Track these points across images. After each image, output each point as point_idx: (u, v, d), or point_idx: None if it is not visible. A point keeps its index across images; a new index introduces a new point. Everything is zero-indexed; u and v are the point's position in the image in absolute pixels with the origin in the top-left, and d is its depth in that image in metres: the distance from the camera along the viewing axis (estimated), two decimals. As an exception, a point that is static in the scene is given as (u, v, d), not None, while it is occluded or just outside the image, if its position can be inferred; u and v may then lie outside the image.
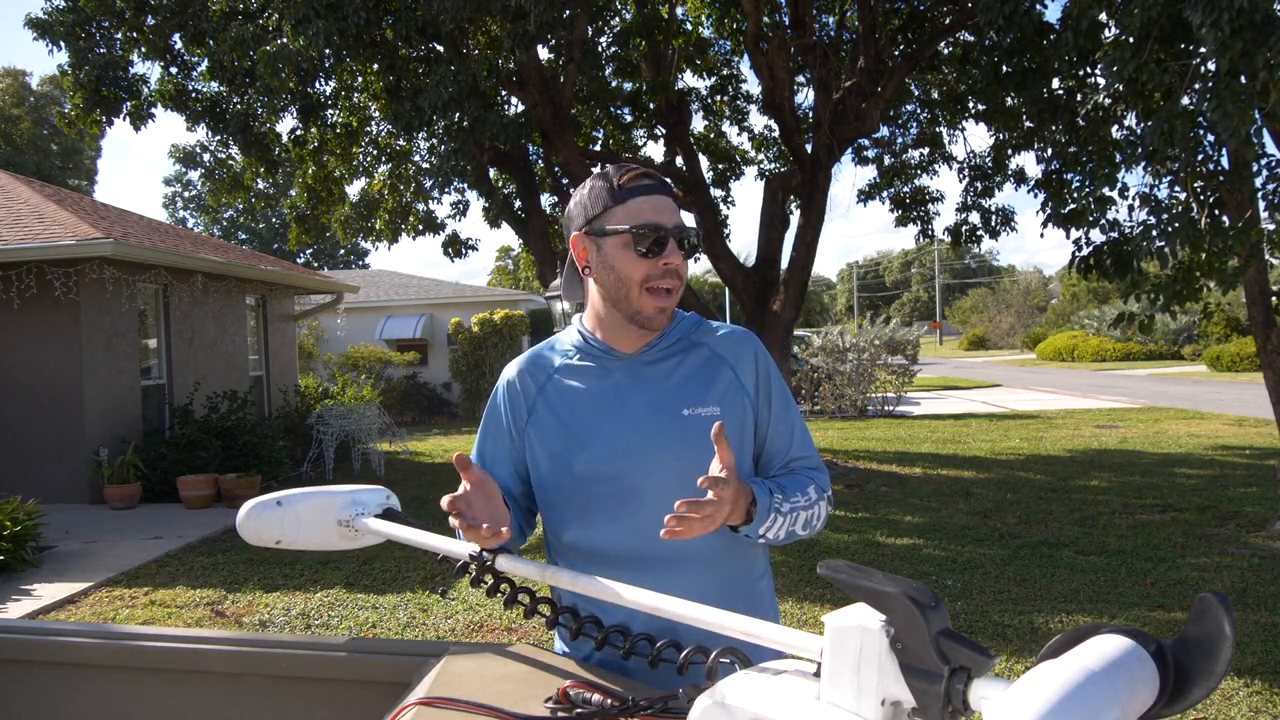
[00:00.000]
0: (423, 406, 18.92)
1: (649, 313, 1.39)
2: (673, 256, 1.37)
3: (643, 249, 1.37)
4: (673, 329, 1.47)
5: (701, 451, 1.35)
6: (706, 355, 1.47)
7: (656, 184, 1.41)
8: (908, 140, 11.09)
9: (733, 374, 1.45)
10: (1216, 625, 0.68)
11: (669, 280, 1.38)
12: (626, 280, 1.38)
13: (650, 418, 1.41)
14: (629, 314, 1.41)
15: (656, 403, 1.42)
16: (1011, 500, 7.86)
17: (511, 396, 1.51)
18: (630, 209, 1.38)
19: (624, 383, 1.45)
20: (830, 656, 0.79)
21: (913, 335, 22.15)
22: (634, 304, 1.40)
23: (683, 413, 1.41)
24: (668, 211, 1.39)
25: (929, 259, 64.86)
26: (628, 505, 1.40)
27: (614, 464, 1.41)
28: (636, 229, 1.36)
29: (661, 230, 1.37)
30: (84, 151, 33.57)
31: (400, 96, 7.76)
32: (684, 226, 1.40)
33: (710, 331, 1.51)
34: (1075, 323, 38.61)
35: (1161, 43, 5.04)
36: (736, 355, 1.47)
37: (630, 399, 1.43)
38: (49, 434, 8.57)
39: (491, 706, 1.13)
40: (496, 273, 41.29)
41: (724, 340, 1.49)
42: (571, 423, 1.44)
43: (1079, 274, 7.01)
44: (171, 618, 5.12)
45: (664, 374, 1.45)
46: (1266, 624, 4.46)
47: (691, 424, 1.40)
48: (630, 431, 1.41)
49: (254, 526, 1.53)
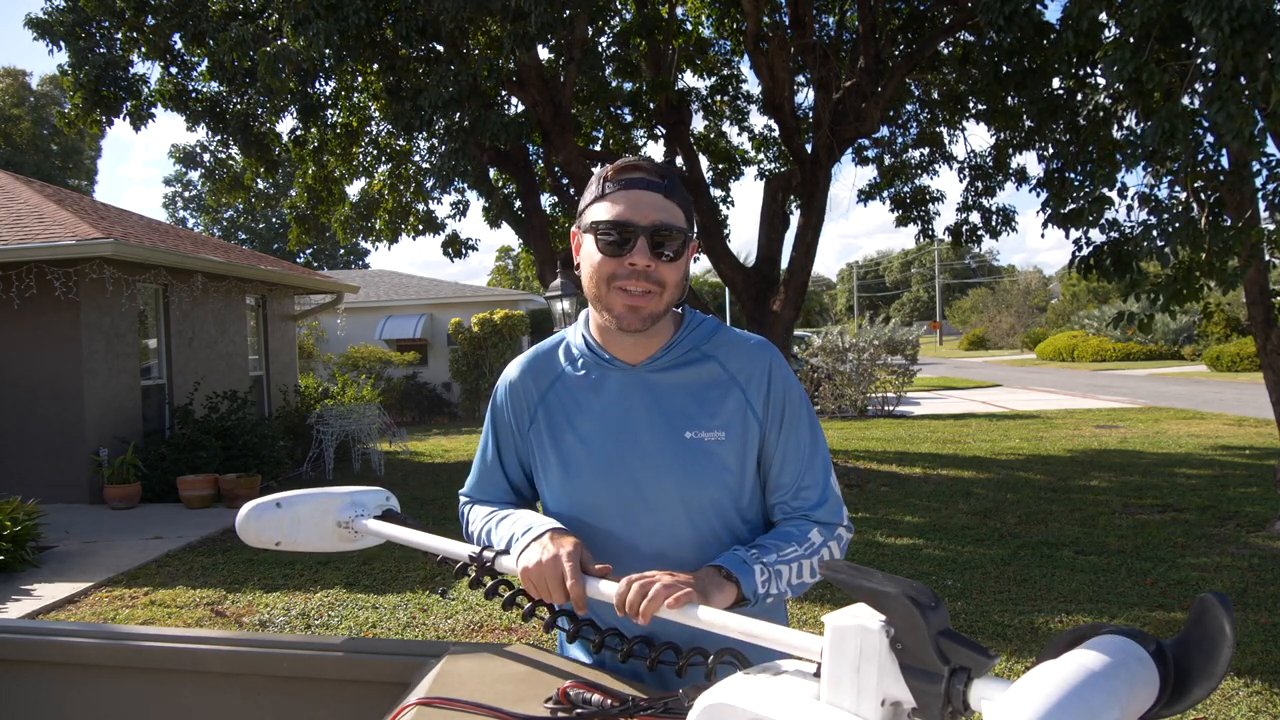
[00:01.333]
0: (423, 406, 18.92)
1: (618, 310, 1.31)
2: (638, 256, 1.27)
3: (605, 246, 1.30)
4: (683, 337, 1.38)
5: (700, 477, 1.33)
6: (717, 372, 1.37)
7: (643, 178, 1.31)
8: (908, 140, 11.09)
9: (742, 395, 1.36)
10: (1216, 625, 0.68)
11: (636, 282, 1.28)
12: (594, 276, 1.32)
13: (651, 439, 1.35)
14: (605, 312, 1.34)
15: (658, 424, 1.35)
16: (1011, 500, 7.86)
17: (514, 399, 1.47)
18: (608, 203, 1.31)
19: (626, 398, 1.37)
20: (830, 657, 0.79)
21: (913, 335, 22.12)
22: (604, 300, 1.33)
23: (685, 435, 1.34)
24: (645, 208, 1.29)
25: (929, 259, 64.85)
26: (627, 529, 1.37)
27: (612, 489, 1.36)
28: (601, 224, 1.30)
29: (627, 227, 1.28)
30: (84, 151, 33.58)
31: (400, 96, 7.76)
32: (662, 225, 1.28)
33: (726, 343, 1.40)
34: (1075, 323, 38.60)
35: (1161, 43, 5.04)
36: (749, 374, 1.37)
37: (632, 417, 1.36)
38: (49, 434, 8.57)
39: (491, 706, 1.13)
40: (496, 273, 41.30)
41: (738, 355, 1.38)
42: (570, 441, 1.39)
43: (1079, 274, 7.01)
44: (171, 618, 5.12)
45: (668, 390, 1.37)
46: (1266, 624, 4.45)
47: (694, 448, 1.34)
48: (629, 454, 1.35)
49: (253, 528, 1.53)
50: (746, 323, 9.59)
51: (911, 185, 10.95)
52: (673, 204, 1.32)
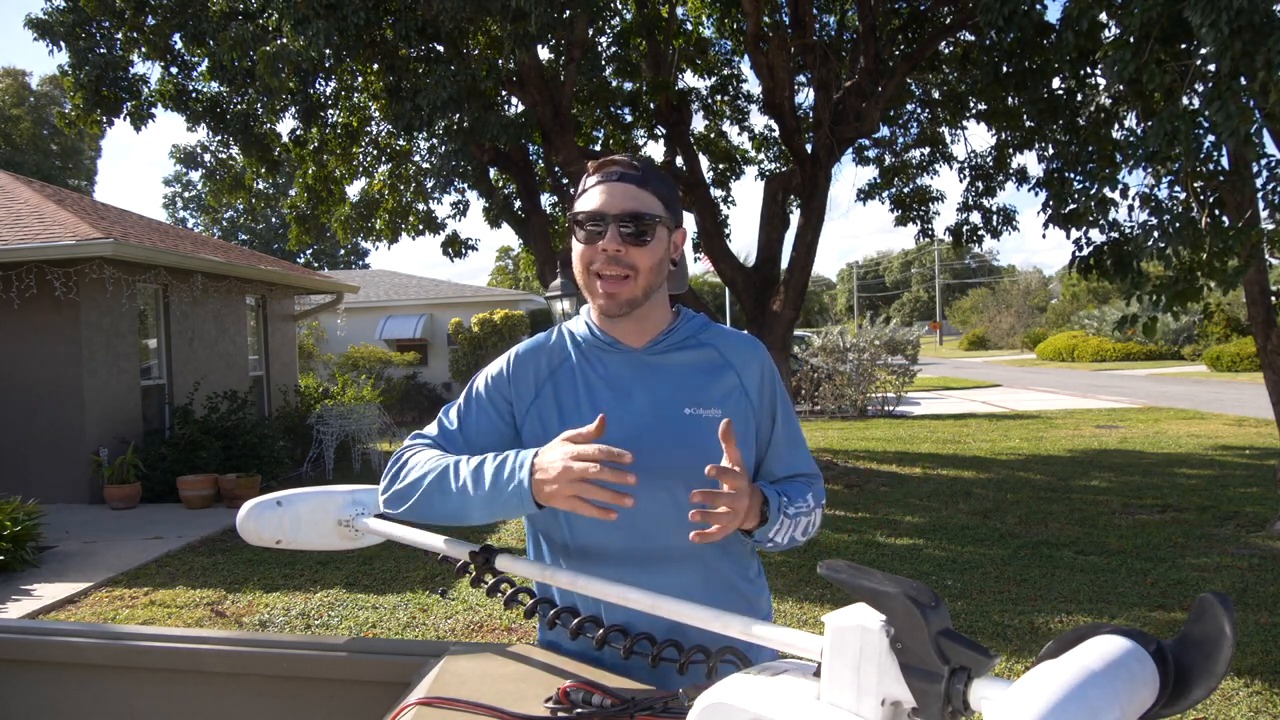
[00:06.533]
0: (423, 406, 18.92)
1: (599, 297, 1.40)
2: (609, 243, 1.35)
3: (583, 236, 1.39)
4: (680, 325, 1.47)
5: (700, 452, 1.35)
6: (713, 356, 1.46)
7: (617, 170, 1.39)
8: (908, 140, 11.09)
9: (738, 379, 1.45)
10: (1217, 625, 0.68)
11: (610, 267, 1.37)
12: (579, 266, 1.41)
13: (651, 414, 1.40)
14: (592, 298, 1.43)
15: (658, 400, 1.42)
16: (1011, 500, 7.86)
17: (519, 371, 1.48)
18: (587, 197, 1.39)
19: (627, 376, 1.44)
20: (830, 656, 0.79)
21: (913, 335, 22.09)
22: (589, 288, 1.42)
23: (684, 411, 1.40)
24: (618, 197, 1.37)
25: (929, 259, 64.85)
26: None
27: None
28: (579, 215, 1.39)
29: (600, 217, 1.36)
30: (84, 151, 33.59)
31: (400, 96, 7.75)
32: (630, 212, 1.35)
33: (718, 334, 1.50)
34: (1075, 323, 38.60)
35: (1162, 43, 5.04)
36: (744, 361, 1.46)
37: (633, 394, 1.43)
38: (49, 434, 8.57)
39: (491, 706, 1.13)
40: (496, 273, 41.34)
41: (732, 345, 1.49)
42: (573, 416, 1.43)
43: (1079, 274, 7.01)
44: (171, 618, 5.12)
45: (668, 370, 1.45)
46: (1266, 624, 4.45)
47: (692, 423, 1.39)
48: (630, 428, 1.39)
49: (254, 526, 1.53)
50: (746, 323, 9.59)
51: (911, 185, 10.95)
52: (646, 193, 1.38)
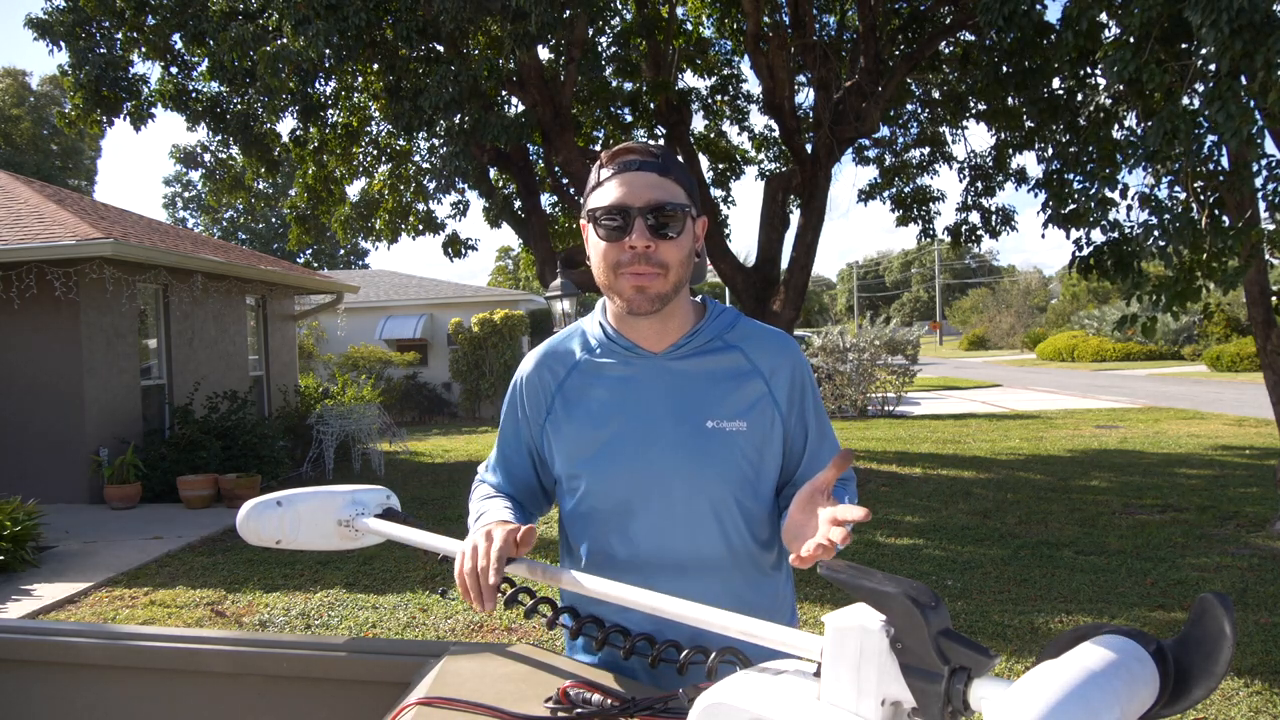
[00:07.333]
0: (423, 406, 18.92)
1: (627, 294, 1.30)
2: (637, 238, 1.26)
3: (605, 232, 1.29)
4: (705, 326, 1.38)
5: (720, 466, 1.32)
6: (739, 362, 1.37)
7: (636, 159, 1.29)
8: (908, 140, 11.09)
9: (765, 387, 1.35)
10: (1217, 625, 0.68)
11: (639, 265, 1.27)
12: (601, 265, 1.31)
13: (672, 428, 1.34)
14: (616, 298, 1.33)
15: (680, 412, 1.34)
16: (1011, 500, 7.86)
17: (530, 392, 1.45)
18: (604, 190, 1.30)
19: (647, 385, 1.36)
20: (830, 656, 0.78)
21: (913, 335, 22.07)
22: (614, 288, 1.32)
23: (706, 425, 1.33)
24: (639, 189, 1.27)
25: (929, 259, 64.84)
26: (645, 515, 1.36)
27: (631, 476, 1.35)
28: (599, 210, 1.29)
29: (624, 211, 1.26)
30: (84, 151, 33.58)
31: (400, 97, 7.76)
32: (657, 204, 1.27)
33: (746, 334, 1.40)
34: (1075, 323, 38.60)
35: (1162, 43, 5.04)
36: (773, 367, 1.37)
37: (653, 405, 1.35)
38: (49, 434, 8.57)
39: (491, 706, 1.13)
40: (496, 273, 41.32)
41: (761, 347, 1.38)
42: (589, 428, 1.37)
43: (1079, 274, 7.01)
44: (171, 618, 5.12)
45: (691, 378, 1.36)
46: (1266, 624, 4.45)
47: (715, 437, 1.33)
48: (651, 442, 1.34)
49: (254, 526, 1.53)
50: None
51: (912, 185, 10.95)
52: (669, 181, 1.30)
